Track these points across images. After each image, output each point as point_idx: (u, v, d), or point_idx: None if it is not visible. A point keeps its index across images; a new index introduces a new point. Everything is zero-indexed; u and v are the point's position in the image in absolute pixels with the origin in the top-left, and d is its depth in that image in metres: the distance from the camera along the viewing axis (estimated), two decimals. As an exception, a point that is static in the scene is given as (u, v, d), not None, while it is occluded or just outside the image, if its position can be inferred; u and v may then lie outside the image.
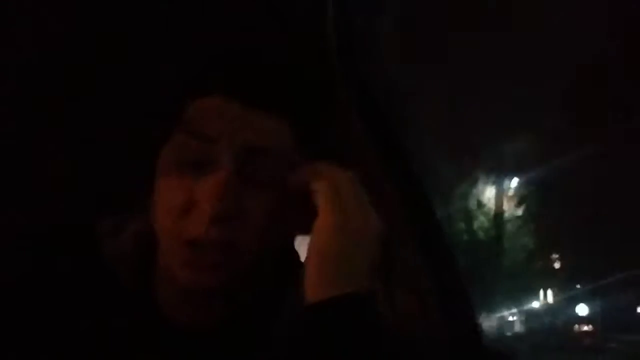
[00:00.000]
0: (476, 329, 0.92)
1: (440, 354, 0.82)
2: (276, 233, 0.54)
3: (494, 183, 12.49)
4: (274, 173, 0.53)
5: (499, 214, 12.53)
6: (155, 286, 0.58)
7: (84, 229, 0.59)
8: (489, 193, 12.54)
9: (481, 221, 12.51)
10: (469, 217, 12.25)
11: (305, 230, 0.55)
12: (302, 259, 0.57)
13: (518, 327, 15.48)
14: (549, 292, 15.64)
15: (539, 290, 15.36)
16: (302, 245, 0.73)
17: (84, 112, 0.86)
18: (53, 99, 0.85)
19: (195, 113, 0.53)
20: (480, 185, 12.43)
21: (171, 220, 0.51)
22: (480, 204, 12.49)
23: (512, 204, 12.85)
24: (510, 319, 15.45)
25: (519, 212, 12.80)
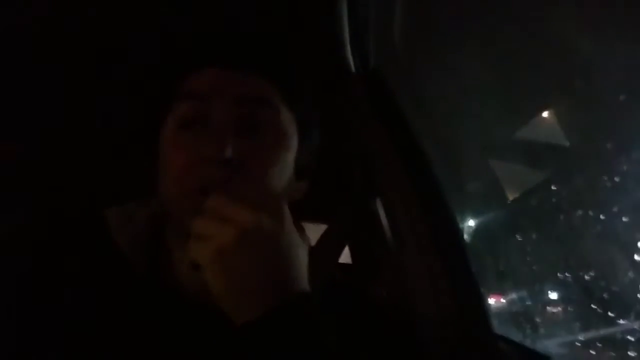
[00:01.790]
0: (486, 312, 0.92)
1: (452, 335, 0.82)
2: (278, 183, 0.56)
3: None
4: (269, 122, 0.56)
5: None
6: (164, 267, 0.58)
7: (93, 218, 0.60)
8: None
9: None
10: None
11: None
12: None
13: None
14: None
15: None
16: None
17: (86, 104, 0.85)
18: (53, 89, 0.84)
19: (187, 84, 0.57)
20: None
21: (180, 175, 0.53)
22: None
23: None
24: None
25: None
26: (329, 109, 0.89)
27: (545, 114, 1.04)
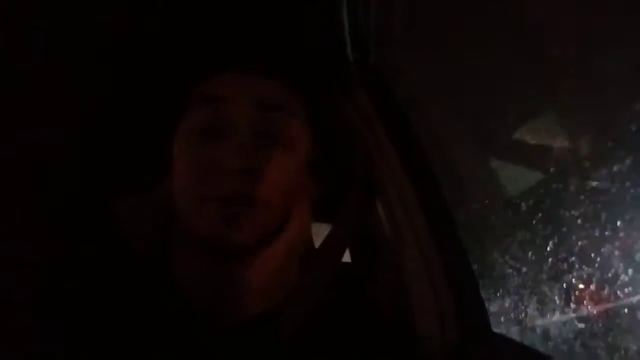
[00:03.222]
0: (485, 312, 0.92)
1: (451, 335, 0.82)
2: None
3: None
4: (288, 131, 0.56)
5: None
6: (175, 264, 0.58)
7: (103, 210, 0.60)
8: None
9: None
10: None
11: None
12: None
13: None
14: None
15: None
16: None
17: (101, 97, 0.85)
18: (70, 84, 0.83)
19: (207, 86, 0.56)
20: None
21: (195, 182, 0.53)
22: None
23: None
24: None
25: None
26: (330, 108, 0.89)
27: (544, 113, 1.04)
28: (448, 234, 0.89)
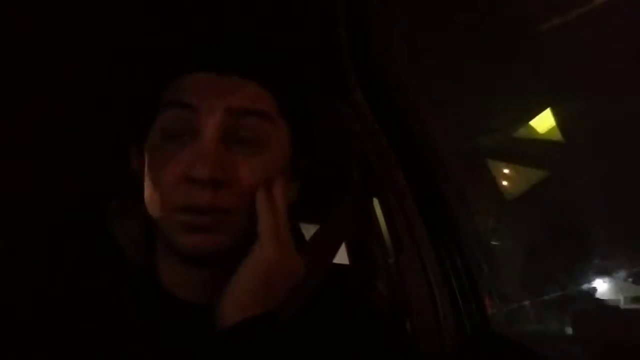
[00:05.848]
0: (485, 315, 0.92)
1: (450, 337, 0.82)
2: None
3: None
4: (260, 135, 0.53)
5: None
6: (159, 267, 0.58)
7: (93, 212, 0.60)
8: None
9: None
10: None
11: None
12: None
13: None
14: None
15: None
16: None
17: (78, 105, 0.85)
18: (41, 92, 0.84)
19: (175, 89, 0.54)
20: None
21: (164, 190, 0.51)
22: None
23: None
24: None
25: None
26: (327, 111, 0.90)
27: (544, 113, 1.04)
28: (446, 235, 0.89)
